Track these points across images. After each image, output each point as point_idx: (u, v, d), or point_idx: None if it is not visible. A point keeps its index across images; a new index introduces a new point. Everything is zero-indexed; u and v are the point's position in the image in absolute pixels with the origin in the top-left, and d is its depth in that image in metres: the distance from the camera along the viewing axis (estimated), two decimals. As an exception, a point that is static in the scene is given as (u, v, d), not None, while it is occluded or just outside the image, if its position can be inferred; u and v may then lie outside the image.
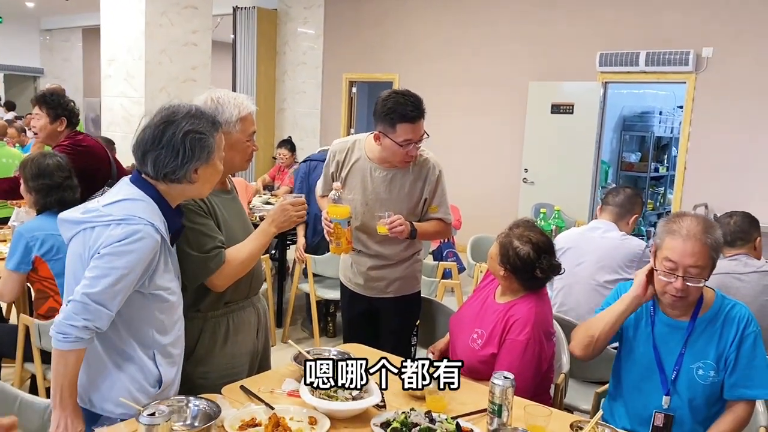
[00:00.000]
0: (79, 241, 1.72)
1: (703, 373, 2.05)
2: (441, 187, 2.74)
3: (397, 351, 2.51)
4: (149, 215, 1.72)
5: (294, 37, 9.58)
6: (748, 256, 2.93)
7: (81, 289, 1.66)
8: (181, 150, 1.73)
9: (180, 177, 1.76)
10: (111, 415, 1.80)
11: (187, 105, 1.81)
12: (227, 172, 2.20)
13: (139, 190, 1.77)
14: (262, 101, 9.68)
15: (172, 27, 7.43)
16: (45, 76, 14.71)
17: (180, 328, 1.95)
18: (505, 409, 1.78)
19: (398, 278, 2.81)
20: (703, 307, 2.08)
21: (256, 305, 2.32)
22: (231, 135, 2.07)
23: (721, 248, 2.05)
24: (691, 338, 2.07)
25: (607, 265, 3.10)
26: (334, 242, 2.58)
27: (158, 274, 1.78)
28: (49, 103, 3.57)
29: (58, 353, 1.69)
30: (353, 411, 1.84)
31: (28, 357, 2.90)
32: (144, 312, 1.80)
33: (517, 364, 2.22)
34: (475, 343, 2.33)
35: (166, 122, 1.75)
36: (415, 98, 2.55)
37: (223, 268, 2.02)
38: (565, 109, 7.09)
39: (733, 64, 6.13)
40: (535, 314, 2.28)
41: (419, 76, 8.19)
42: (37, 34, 14.56)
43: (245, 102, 2.12)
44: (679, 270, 1.96)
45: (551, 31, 7.17)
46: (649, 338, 2.12)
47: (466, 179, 7.78)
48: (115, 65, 7.55)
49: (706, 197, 6.27)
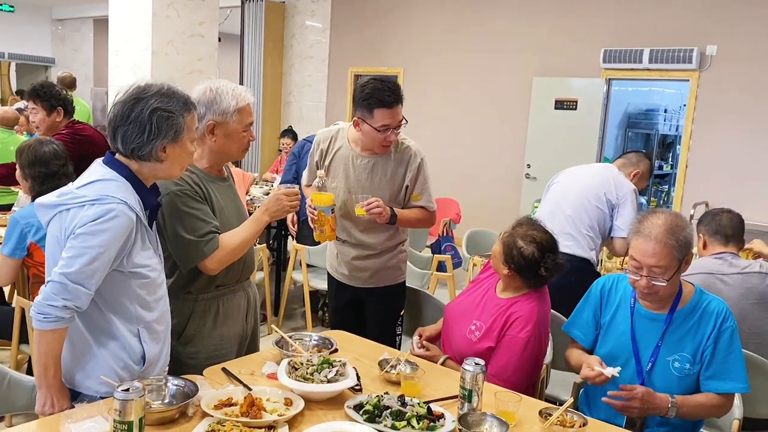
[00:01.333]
0: (56, 223, 1.75)
1: (679, 365, 2.09)
2: (423, 174, 2.76)
3: (382, 340, 2.56)
4: (122, 194, 1.75)
5: (301, 30, 9.62)
6: (734, 255, 2.90)
7: (58, 270, 1.69)
8: (147, 126, 1.76)
9: (146, 154, 1.79)
10: (95, 394, 1.84)
11: (159, 84, 1.83)
12: (224, 160, 2.25)
13: (111, 170, 1.80)
14: (269, 94, 9.73)
15: (178, 18, 7.48)
16: (56, 66, 14.81)
17: (164, 305, 1.97)
18: (475, 394, 1.82)
19: (382, 268, 2.85)
20: (681, 301, 2.12)
21: (247, 290, 2.37)
22: (228, 125, 2.12)
23: (690, 246, 2.06)
24: (668, 331, 2.11)
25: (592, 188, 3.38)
26: (318, 230, 2.62)
27: (135, 252, 1.81)
28: (41, 96, 3.64)
29: (39, 333, 1.72)
30: (328, 393, 1.88)
31: (25, 339, 2.97)
32: (125, 289, 1.82)
33: (515, 361, 2.26)
34: (473, 334, 2.36)
35: (135, 99, 1.78)
36: (393, 84, 2.59)
37: (216, 252, 2.08)
38: (568, 105, 7.10)
39: (737, 63, 6.11)
40: (537, 313, 2.30)
41: (424, 69, 8.21)
42: (48, 24, 14.65)
43: (243, 93, 2.16)
44: (644, 269, 2.03)
45: (556, 26, 7.17)
46: (628, 329, 2.17)
47: (468, 174, 7.81)
48: (122, 55, 7.62)
49: (708, 195, 6.26)
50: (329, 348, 2.23)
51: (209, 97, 2.11)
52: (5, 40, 13.80)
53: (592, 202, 3.35)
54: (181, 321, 2.19)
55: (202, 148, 2.17)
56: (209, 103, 2.11)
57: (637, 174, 3.48)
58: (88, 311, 1.78)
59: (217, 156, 2.20)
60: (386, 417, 1.76)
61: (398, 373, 2.05)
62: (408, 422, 1.74)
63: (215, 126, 2.13)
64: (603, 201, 3.34)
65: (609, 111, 7.06)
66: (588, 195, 3.37)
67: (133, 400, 1.51)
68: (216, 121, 2.12)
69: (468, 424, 1.74)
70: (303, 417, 1.80)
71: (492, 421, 1.76)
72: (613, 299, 2.25)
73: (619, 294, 2.25)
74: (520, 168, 7.51)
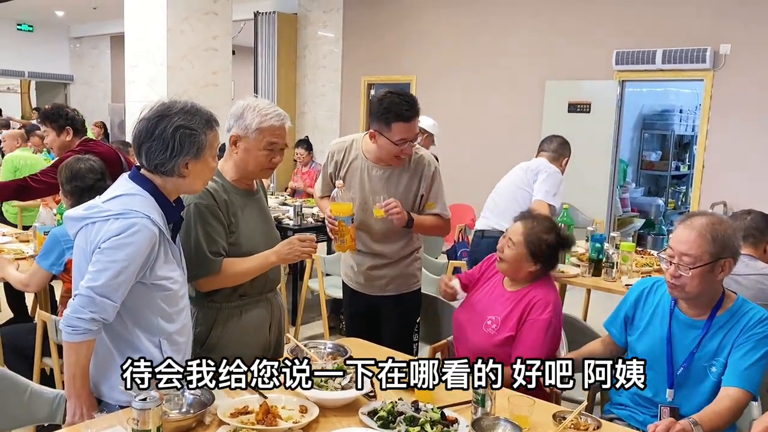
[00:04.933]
0: (82, 236, 1.81)
1: (716, 370, 2.08)
2: (437, 183, 2.78)
3: (398, 347, 2.57)
4: (146, 208, 1.80)
5: (314, 40, 9.70)
6: (751, 257, 2.88)
7: (85, 283, 1.75)
8: (171, 143, 1.80)
9: (169, 170, 1.83)
10: (121, 404, 1.86)
11: (183, 102, 1.87)
12: (246, 175, 2.28)
13: (135, 185, 1.85)
14: (283, 104, 9.80)
15: (193, 33, 7.59)
16: (75, 83, 15.08)
17: (186, 316, 2.02)
18: (489, 399, 1.83)
19: (398, 276, 2.86)
20: (722, 308, 2.12)
21: (272, 301, 2.41)
22: (248, 139, 2.17)
23: (731, 245, 2.05)
24: (706, 337, 2.10)
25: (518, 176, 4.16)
26: (338, 240, 2.63)
27: (159, 265, 1.85)
28: (50, 117, 3.74)
29: (68, 345, 1.78)
30: (343, 400, 1.90)
31: (47, 352, 3.03)
32: (148, 301, 1.87)
33: (541, 342, 2.34)
34: (490, 328, 2.43)
35: (159, 116, 1.82)
36: (410, 97, 2.61)
37: (215, 276, 2.14)
38: (582, 108, 7.07)
39: (752, 61, 6.05)
40: (554, 295, 2.43)
41: (436, 76, 8.23)
42: (66, 42, 14.92)
43: (272, 114, 2.17)
44: (675, 257, 2.05)
45: (567, 30, 7.15)
46: (665, 333, 2.17)
47: (483, 179, 7.78)
48: (138, 71, 7.74)
49: (725, 195, 6.20)
50: (343, 355, 2.25)
51: (238, 112, 2.19)
52: (25, 59, 14.09)
53: (519, 186, 4.11)
54: (204, 329, 2.25)
55: (230, 159, 2.24)
56: (237, 116, 2.19)
57: (566, 161, 4.21)
58: (113, 323, 1.82)
59: (240, 170, 2.25)
60: (400, 423, 1.77)
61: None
62: (422, 428, 1.75)
63: (237, 139, 2.19)
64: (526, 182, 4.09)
65: (623, 113, 7.01)
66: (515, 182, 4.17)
67: (151, 409, 1.54)
68: (238, 135, 2.19)
69: (482, 429, 1.75)
70: (318, 424, 1.83)
71: (506, 426, 1.77)
72: (651, 301, 2.27)
73: (657, 297, 2.26)
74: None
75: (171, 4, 7.35)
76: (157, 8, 7.39)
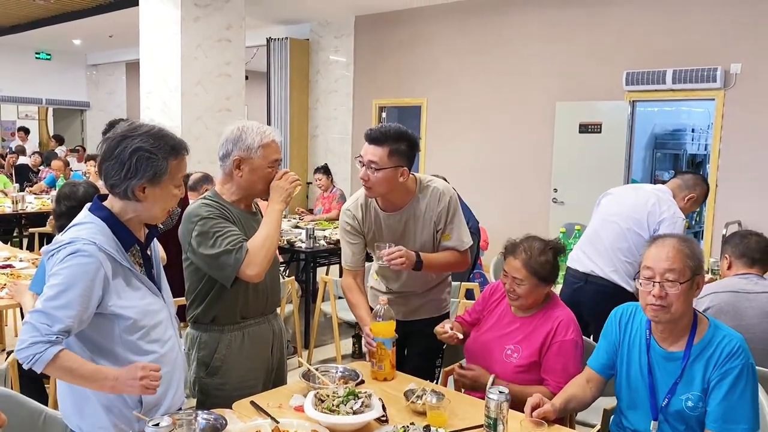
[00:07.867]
0: (46, 268, 1.80)
1: (692, 404, 2.00)
2: (452, 213, 2.63)
3: (420, 372, 2.51)
4: (92, 235, 1.75)
5: (325, 65, 9.81)
6: (759, 276, 2.85)
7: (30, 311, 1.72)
8: (127, 165, 1.75)
9: (123, 191, 1.78)
10: None
11: (151, 125, 1.82)
12: (251, 196, 2.32)
13: (90, 214, 1.81)
14: (296, 128, 9.91)
15: (206, 59, 7.72)
16: (91, 109, 15.33)
17: (169, 346, 1.92)
18: (501, 422, 1.82)
19: (426, 302, 2.78)
20: (696, 335, 2.03)
21: (272, 322, 2.43)
22: (253, 160, 2.22)
23: (702, 262, 2.03)
24: (687, 367, 2.02)
25: (634, 214, 3.37)
26: (375, 365, 2.36)
27: (117, 293, 1.78)
28: None
29: (49, 372, 1.71)
30: (354, 425, 1.90)
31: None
32: (110, 333, 1.80)
33: (572, 363, 2.33)
34: (512, 357, 2.41)
35: (122, 137, 1.78)
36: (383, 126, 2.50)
37: (249, 256, 2.14)
38: (593, 129, 7.09)
39: (763, 79, 6.04)
40: (571, 313, 2.44)
41: (447, 99, 8.29)
42: (83, 69, 15.20)
43: (269, 131, 2.26)
44: (656, 276, 1.97)
45: (577, 51, 7.19)
46: (645, 366, 2.09)
47: (495, 200, 7.81)
48: (152, 97, 7.87)
49: (739, 214, 6.16)
50: (355, 379, 2.25)
51: (236, 135, 2.23)
52: (43, 87, 14.38)
53: (632, 229, 3.33)
54: (208, 352, 2.27)
55: (231, 183, 2.28)
56: (236, 140, 2.22)
57: (691, 198, 3.43)
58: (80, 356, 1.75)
59: (244, 192, 2.28)
60: (412, 447, 1.77)
61: (424, 403, 2.06)
62: (434, 452, 1.75)
63: (241, 161, 2.22)
64: (644, 227, 3.31)
65: (634, 133, 7.02)
66: (629, 222, 3.35)
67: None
68: (241, 157, 2.22)
69: (494, 453, 1.74)
70: (329, 449, 1.82)
71: (518, 450, 1.76)
72: (630, 329, 2.18)
73: (635, 324, 2.17)
74: (546, 193, 7.49)
75: (185, 31, 7.49)
76: (172, 35, 7.53)
